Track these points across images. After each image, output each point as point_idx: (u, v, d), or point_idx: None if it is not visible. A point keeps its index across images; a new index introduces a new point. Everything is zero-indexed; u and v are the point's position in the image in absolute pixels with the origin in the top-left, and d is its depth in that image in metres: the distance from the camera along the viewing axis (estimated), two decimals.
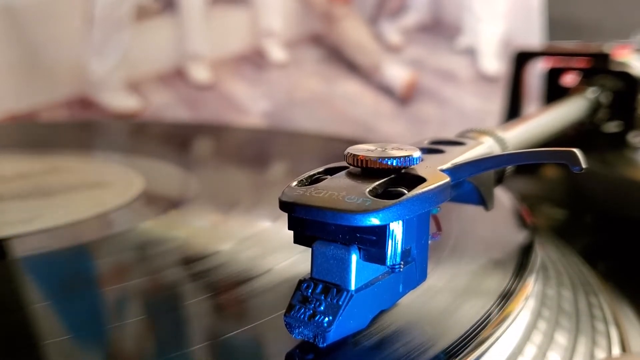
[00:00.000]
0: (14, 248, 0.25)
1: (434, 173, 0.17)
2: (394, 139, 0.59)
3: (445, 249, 0.23)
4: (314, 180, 0.17)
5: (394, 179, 0.17)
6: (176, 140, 0.48)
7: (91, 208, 0.29)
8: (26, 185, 0.33)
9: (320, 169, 0.18)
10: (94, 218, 0.28)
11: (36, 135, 0.49)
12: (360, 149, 0.17)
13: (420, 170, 0.17)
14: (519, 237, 0.26)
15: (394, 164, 0.17)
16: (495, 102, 0.60)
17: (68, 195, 0.32)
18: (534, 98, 0.50)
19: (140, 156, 0.40)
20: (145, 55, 0.60)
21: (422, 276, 0.18)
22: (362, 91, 0.62)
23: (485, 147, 0.22)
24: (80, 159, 0.39)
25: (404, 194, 0.16)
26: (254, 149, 0.45)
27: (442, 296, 0.19)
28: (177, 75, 0.61)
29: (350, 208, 0.15)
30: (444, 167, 0.18)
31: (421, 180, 0.17)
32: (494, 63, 0.62)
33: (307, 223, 0.16)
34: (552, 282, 0.25)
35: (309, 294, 0.16)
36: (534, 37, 0.61)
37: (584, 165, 0.16)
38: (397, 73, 0.62)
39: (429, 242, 0.18)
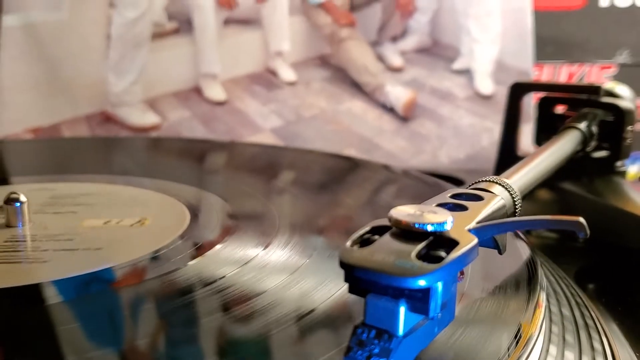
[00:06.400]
0: (50, 293, 0.25)
1: (464, 234, 0.21)
2: (396, 153, 0.62)
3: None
4: (364, 240, 0.21)
5: (432, 242, 0.20)
6: (207, 160, 0.49)
7: (131, 248, 0.29)
8: (61, 221, 0.33)
9: (367, 228, 0.21)
10: (135, 259, 0.28)
11: (62, 153, 0.50)
12: (402, 214, 0.21)
13: (452, 231, 0.21)
14: (522, 260, 0.28)
15: (431, 230, 0.20)
16: (490, 119, 0.63)
17: (106, 232, 0.31)
18: (528, 118, 0.53)
19: (170, 179, 0.41)
20: (161, 73, 0.62)
21: (451, 316, 0.21)
22: (366, 109, 0.66)
23: (499, 199, 0.25)
24: (111, 185, 0.40)
25: (442, 258, 0.19)
26: (287, 169, 0.47)
27: (461, 330, 0.22)
28: (192, 93, 0.64)
29: (401, 272, 0.18)
30: (471, 226, 0.22)
31: (454, 242, 0.20)
32: (489, 83, 0.66)
33: (362, 280, 0.19)
34: (554, 302, 0.27)
35: (364, 338, 0.19)
36: (526, 58, 0.65)
37: (588, 233, 0.20)
38: (398, 93, 0.65)
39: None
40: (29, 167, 0.47)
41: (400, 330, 0.19)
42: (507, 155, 0.45)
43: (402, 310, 0.19)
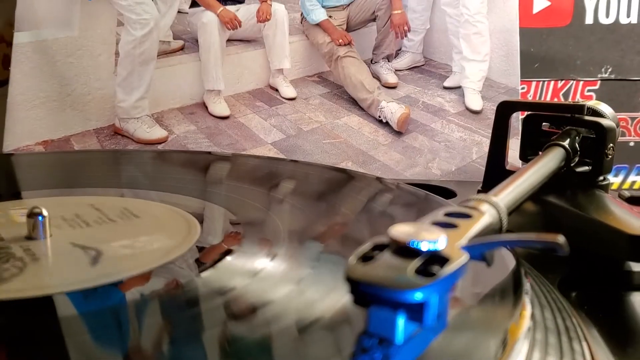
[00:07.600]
0: (60, 306, 0.25)
1: (455, 251, 0.23)
2: (390, 166, 0.65)
3: None
4: (366, 256, 0.23)
5: (428, 259, 0.23)
6: (212, 172, 0.50)
7: (141, 260, 0.29)
8: (73, 233, 0.33)
9: (369, 245, 0.24)
10: (146, 271, 0.28)
11: (71, 166, 0.52)
12: (401, 232, 0.23)
13: (445, 249, 0.23)
14: (508, 270, 0.30)
15: (427, 250, 0.23)
16: (479, 133, 0.66)
17: (115, 244, 0.31)
18: (516, 133, 0.55)
19: (177, 191, 0.42)
20: (167, 89, 0.65)
21: (444, 324, 0.24)
22: (363, 123, 0.69)
23: (487, 216, 0.28)
24: (120, 197, 0.41)
25: (435, 273, 0.22)
26: (294, 183, 0.48)
27: (451, 336, 0.24)
28: (197, 108, 0.66)
29: (401, 286, 0.21)
30: (461, 243, 0.24)
31: (446, 259, 0.22)
32: (479, 100, 0.69)
33: (366, 293, 0.22)
34: (538, 309, 0.29)
35: (367, 345, 0.22)
36: (513, 76, 0.68)
37: (568, 251, 0.22)
38: (393, 108, 0.68)
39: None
40: (39, 179, 0.48)
41: (400, 338, 0.22)
42: (495, 170, 0.47)
43: (401, 320, 0.21)
